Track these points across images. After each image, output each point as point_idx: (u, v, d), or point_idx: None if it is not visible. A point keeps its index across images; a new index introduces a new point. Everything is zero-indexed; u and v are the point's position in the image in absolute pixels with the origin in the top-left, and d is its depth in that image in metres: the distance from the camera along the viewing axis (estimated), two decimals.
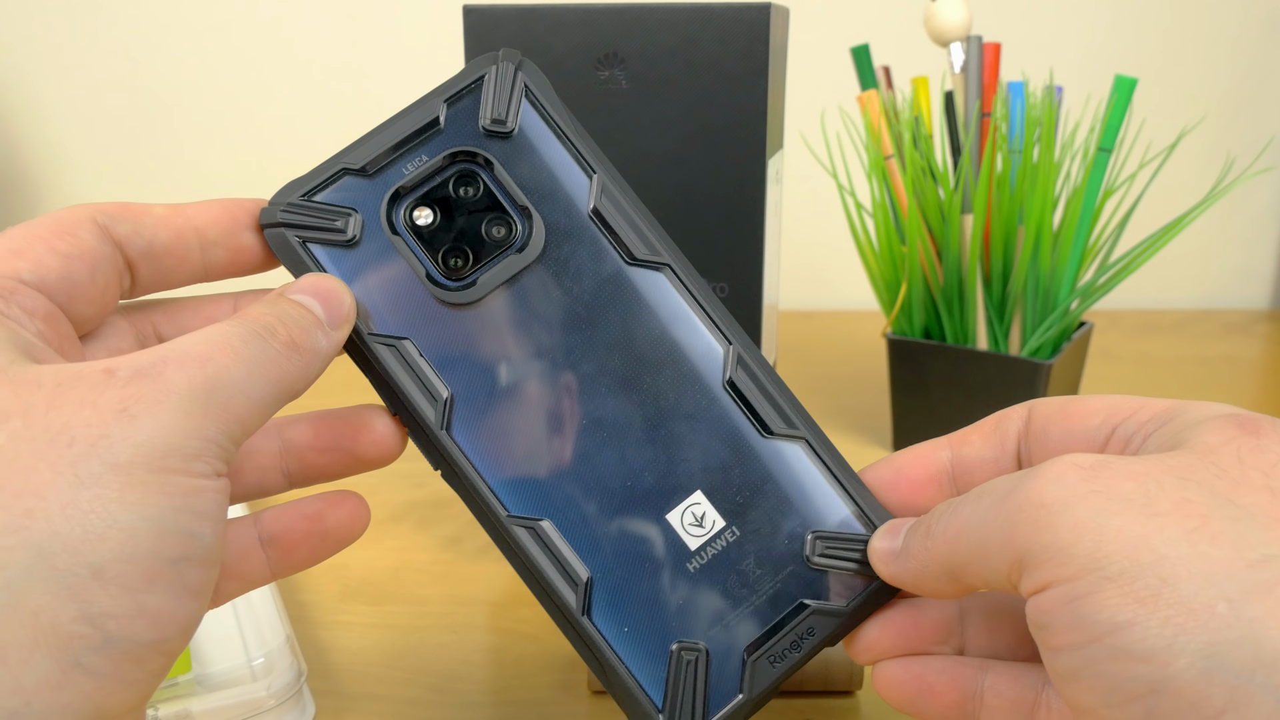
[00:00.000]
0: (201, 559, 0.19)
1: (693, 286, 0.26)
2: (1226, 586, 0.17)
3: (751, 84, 0.34)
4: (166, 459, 0.18)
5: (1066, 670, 0.19)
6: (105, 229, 0.22)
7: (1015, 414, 0.25)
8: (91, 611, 0.17)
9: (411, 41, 0.75)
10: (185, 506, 0.19)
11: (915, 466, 0.26)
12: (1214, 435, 0.20)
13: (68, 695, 0.17)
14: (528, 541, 0.24)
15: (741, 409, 0.25)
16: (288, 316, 0.22)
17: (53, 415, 0.18)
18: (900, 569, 0.24)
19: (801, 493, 0.25)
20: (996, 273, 0.47)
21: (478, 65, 0.26)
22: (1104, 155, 0.46)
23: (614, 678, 0.24)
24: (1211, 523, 0.18)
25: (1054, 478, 0.20)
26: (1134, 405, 0.23)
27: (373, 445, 0.25)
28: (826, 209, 0.66)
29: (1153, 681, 0.18)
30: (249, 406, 0.20)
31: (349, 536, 0.25)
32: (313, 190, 0.25)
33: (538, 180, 0.25)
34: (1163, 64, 0.74)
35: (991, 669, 0.24)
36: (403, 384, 0.24)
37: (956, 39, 0.47)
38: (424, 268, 0.25)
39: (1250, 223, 0.78)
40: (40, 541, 0.17)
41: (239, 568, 0.25)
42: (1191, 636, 0.17)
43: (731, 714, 0.24)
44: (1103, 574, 0.18)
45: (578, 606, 0.24)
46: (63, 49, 0.76)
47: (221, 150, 0.79)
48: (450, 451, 0.24)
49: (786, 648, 0.24)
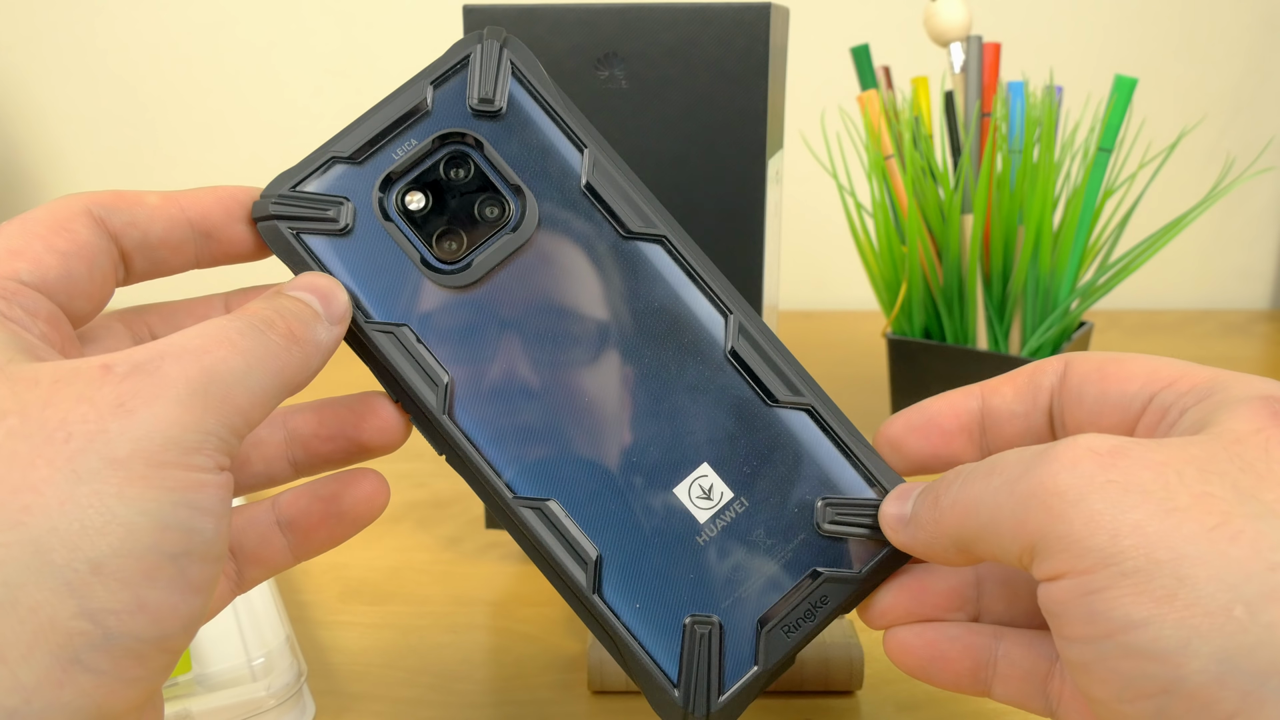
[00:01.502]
0: (203, 554, 0.19)
1: (690, 257, 0.25)
2: (1245, 589, 0.17)
3: (751, 84, 0.34)
4: (165, 453, 0.18)
5: (1079, 661, 0.19)
6: (101, 221, 0.22)
7: (1050, 367, 0.25)
8: (91, 607, 0.17)
9: (412, 41, 0.75)
10: (185, 501, 0.18)
11: (947, 415, 0.25)
12: (1244, 422, 0.19)
13: (68, 693, 0.17)
14: (535, 522, 0.24)
15: (745, 378, 0.25)
16: (285, 310, 0.22)
17: (49, 412, 0.18)
18: (909, 537, 0.23)
19: (809, 460, 0.25)
20: (996, 273, 0.47)
21: (463, 45, 0.26)
22: (1104, 155, 0.46)
23: (628, 654, 0.24)
24: (1232, 520, 0.18)
25: (1069, 464, 0.19)
26: (1175, 372, 0.22)
27: (376, 432, 0.25)
28: (826, 209, 0.66)
29: (1165, 681, 0.17)
30: (249, 398, 0.20)
31: (367, 516, 0.25)
32: (303, 180, 0.25)
33: (529, 158, 0.25)
34: (1163, 64, 0.74)
35: (1006, 637, 0.24)
36: (403, 371, 0.24)
37: (956, 39, 0.47)
38: (418, 252, 0.25)
39: (1250, 223, 0.78)
40: (38, 537, 0.17)
41: (260, 553, 0.25)
42: (1206, 639, 0.17)
43: (747, 685, 0.24)
44: (1118, 570, 0.18)
45: (588, 585, 0.24)
46: (63, 49, 0.76)
47: (222, 150, 0.79)
48: (453, 436, 0.24)
49: (800, 617, 0.24)
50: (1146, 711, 0.18)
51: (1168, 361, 0.23)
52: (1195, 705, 0.17)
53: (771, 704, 0.32)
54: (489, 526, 0.41)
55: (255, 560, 0.25)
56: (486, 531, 0.44)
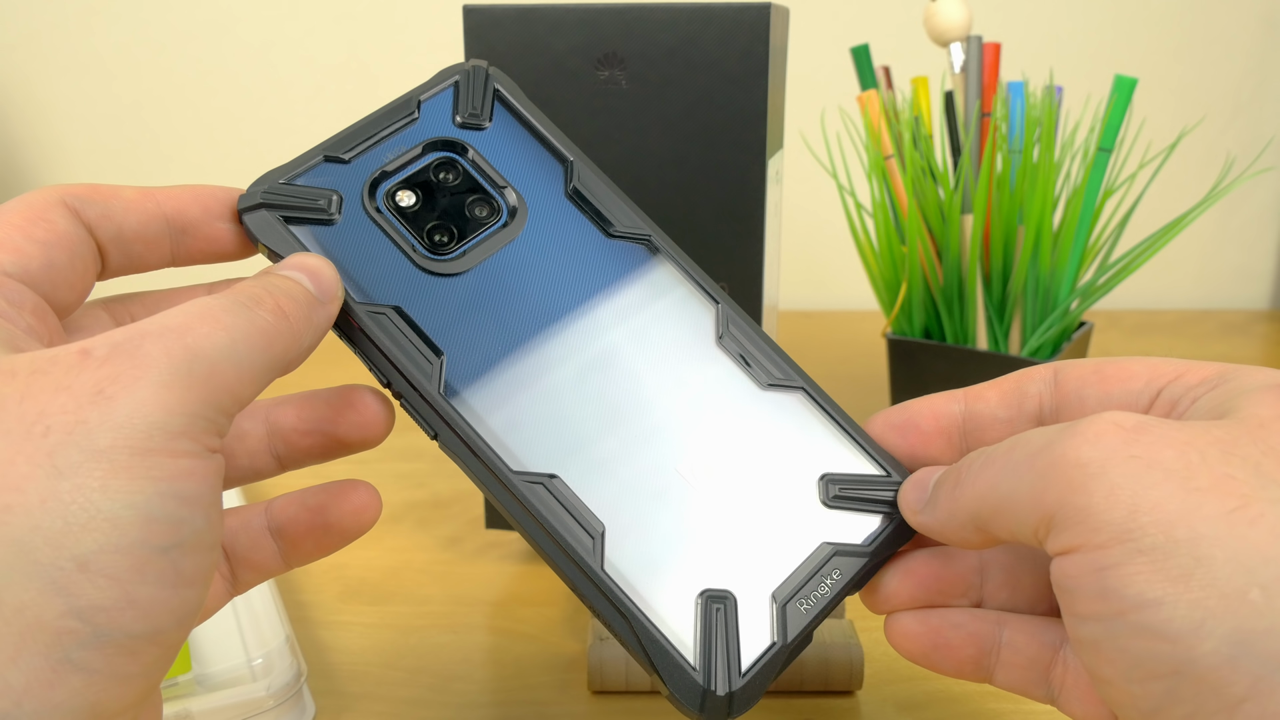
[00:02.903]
0: (194, 545, 0.18)
1: (676, 254, 0.27)
2: (1262, 573, 0.17)
3: (751, 84, 0.34)
4: (149, 440, 0.17)
5: (1088, 639, 0.19)
6: (76, 212, 0.22)
7: (1038, 376, 0.24)
8: (79, 605, 0.17)
9: (412, 41, 0.75)
10: (172, 491, 0.18)
11: (927, 417, 0.25)
12: (1266, 408, 0.19)
13: (60, 693, 0.17)
14: (540, 497, 0.23)
15: (737, 363, 0.26)
16: (274, 286, 0.21)
17: (27, 405, 0.17)
18: (928, 518, 0.23)
19: (809, 437, 0.25)
20: (996, 273, 0.47)
21: (450, 72, 0.27)
22: (1104, 155, 0.46)
23: (640, 631, 0.23)
24: (1252, 504, 0.18)
25: (1093, 437, 0.19)
26: (1179, 368, 0.22)
27: (354, 427, 0.24)
28: (826, 209, 0.66)
29: (1176, 663, 0.17)
30: (237, 374, 0.19)
31: (355, 530, 0.24)
32: (294, 177, 0.25)
33: (514, 166, 0.26)
34: (1163, 64, 0.74)
35: (1009, 624, 0.24)
36: (393, 351, 0.24)
37: (956, 39, 0.47)
38: (409, 242, 0.25)
39: (1250, 223, 0.78)
40: (20, 536, 0.16)
41: (252, 557, 0.24)
42: (1220, 621, 0.17)
43: (770, 661, 0.23)
44: (1135, 546, 0.18)
45: (596, 558, 0.23)
46: (63, 49, 0.76)
47: (222, 151, 0.79)
48: (448, 413, 0.24)
49: (813, 591, 0.24)
50: (1155, 692, 0.18)
51: (1167, 360, 0.23)
52: (1205, 688, 0.17)
53: (772, 704, 0.32)
54: (489, 526, 0.41)
55: (247, 564, 0.24)
56: (486, 531, 0.44)
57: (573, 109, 0.35)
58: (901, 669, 0.33)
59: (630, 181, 0.35)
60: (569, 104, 0.35)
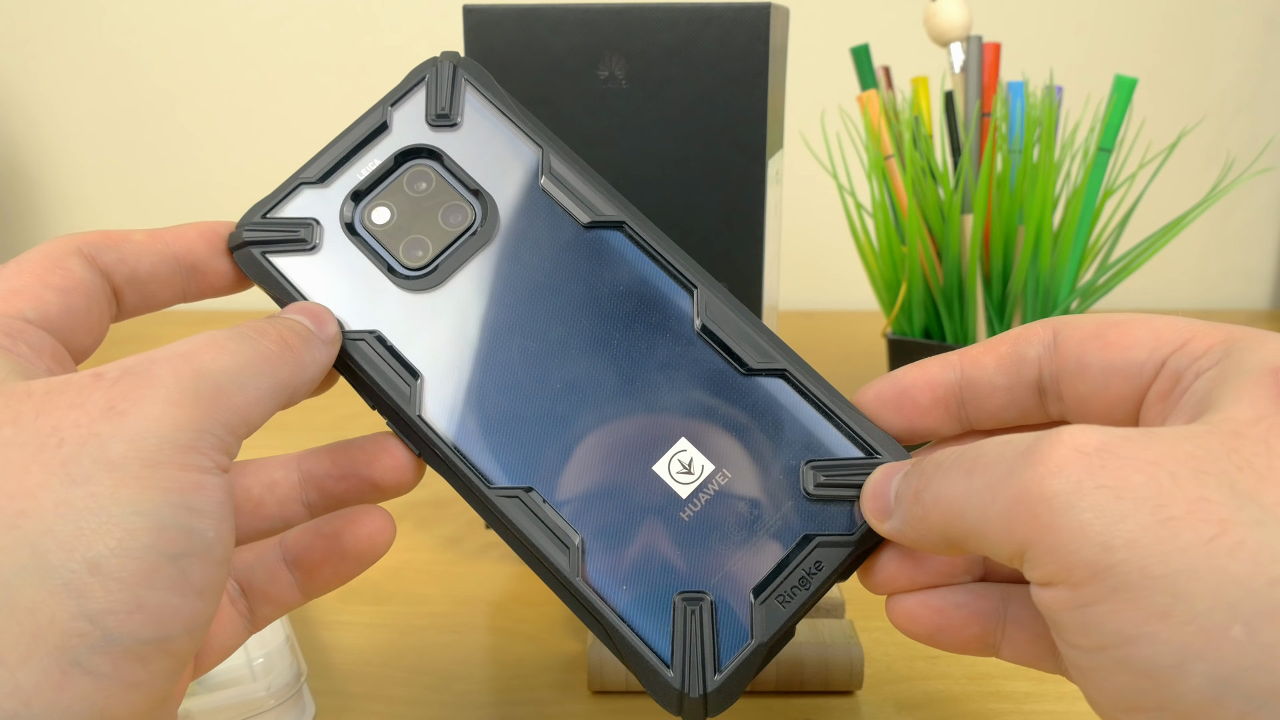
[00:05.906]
0: (204, 555, 0.19)
1: (650, 239, 0.26)
2: (1243, 607, 0.16)
3: (751, 84, 0.34)
4: (159, 452, 0.18)
5: (1075, 664, 0.19)
6: (92, 259, 0.23)
7: (1036, 337, 0.23)
8: (90, 608, 0.17)
9: (411, 42, 0.75)
10: (183, 502, 0.18)
11: (922, 388, 0.24)
12: (1247, 408, 0.18)
13: (68, 697, 0.17)
14: (516, 512, 0.24)
15: (716, 350, 0.25)
16: (277, 322, 0.23)
17: (42, 420, 0.18)
18: (895, 532, 0.22)
19: (790, 425, 0.25)
20: (996, 273, 0.47)
21: (419, 70, 0.27)
22: (1104, 155, 0.46)
23: (618, 638, 0.23)
24: (1231, 530, 0.17)
25: (1055, 468, 0.18)
26: (1185, 333, 0.21)
27: (389, 470, 0.25)
28: (826, 209, 0.66)
29: (1159, 698, 0.17)
30: (244, 397, 0.20)
31: (371, 555, 0.25)
32: (273, 208, 0.26)
33: (487, 162, 0.26)
34: (1163, 64, 0.74)
35: (1014, 598, 0.23)
36: (372, 378, 0.25)
37: (956, 39, 0.47)
38: (385, 261, 0.26)
39: (1250, 223, 0.78)
40: (34, 539, 0.17)
41: (269, 591, 0.25)
42: (1202, 658, 0.16)
43: (745, 661, 0.23)
44: (1110, 584, 0.17)
45: (572, 570, 0.24)
46: (64, 50, 0.76)
47: (221, 152, 0.79)
48: (426, 434, 0.24)
49: (794, 585, 0.24)
50: None
51: (1171, 321, 0.21)
52: None
53: (772, 704, 0.32)
54: (489, 526, 0.41)
55: (265, 598, 0.25)
56: (486, 531, 0.44)
57: (573, 109, 0.35)
58: (901, 669, 0.33)
59: (630, 181, 0.35)
60: (569, 104, 0.35)
